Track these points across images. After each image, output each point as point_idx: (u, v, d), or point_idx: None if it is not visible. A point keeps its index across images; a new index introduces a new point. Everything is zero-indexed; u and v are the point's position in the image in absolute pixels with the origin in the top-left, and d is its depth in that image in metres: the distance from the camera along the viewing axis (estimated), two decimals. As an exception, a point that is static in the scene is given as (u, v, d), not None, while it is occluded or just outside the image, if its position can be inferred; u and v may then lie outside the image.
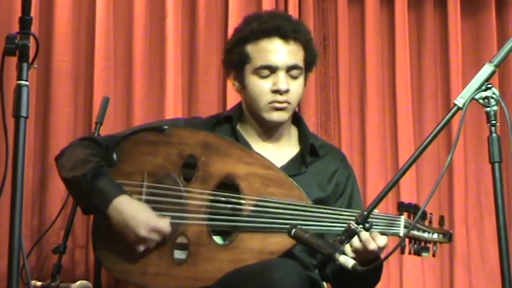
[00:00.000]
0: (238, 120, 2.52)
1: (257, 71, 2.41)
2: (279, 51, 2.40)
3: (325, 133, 3.68)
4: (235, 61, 2.46)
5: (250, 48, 2.42)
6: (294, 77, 2.43)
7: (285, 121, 2.45)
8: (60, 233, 3.05)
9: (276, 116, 2.42)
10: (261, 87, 2.41)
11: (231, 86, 3.45)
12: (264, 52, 2.40)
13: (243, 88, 2.47)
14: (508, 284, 1.85)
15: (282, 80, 2.39)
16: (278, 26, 2.41)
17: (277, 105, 2.40)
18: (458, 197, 3.81)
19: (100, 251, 2.38)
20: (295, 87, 2.42)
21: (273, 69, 2.40)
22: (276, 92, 2.39)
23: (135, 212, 2.26)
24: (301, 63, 2.44)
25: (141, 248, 2.28)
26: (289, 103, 2.41)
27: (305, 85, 2.50)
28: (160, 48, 3.45)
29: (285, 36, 2.40)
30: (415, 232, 2.25)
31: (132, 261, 2.32)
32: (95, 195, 2.28)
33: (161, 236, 2.28)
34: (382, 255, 2.20)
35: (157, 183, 2.35)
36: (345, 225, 2.07)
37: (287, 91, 2.39)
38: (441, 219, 2.30)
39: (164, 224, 2.27)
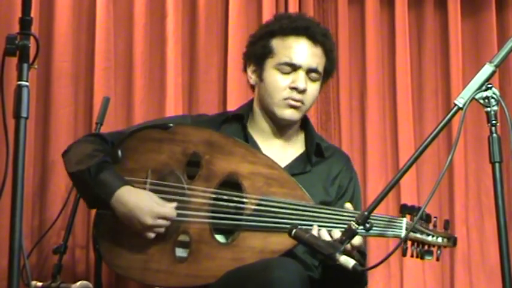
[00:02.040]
0: (248, 119, 2.53)
1: (279, 66, 2.43)
2: (304, 51, 2.42)
3: (325, 133, 3.68)
4: (258, 53, 2.48)
5: (275, 43, 2.45)
6: (313, 80, 2.45)
7: (296, 120, 2.47)
8: (61, 233, 3.04)
9: (288, 114, 2.43)
10: (280, 82, 2.42)
11: (231, 85, 3.49)
12: (289, 49, 2.43)
13: (260, 81, 2.48)
14: (509, 284, 1.85)
15: (301, 78, 2.41)
16: (309, 26, 2.44)
17: (292, 102, 2.42)
18: (459, 197, 3.81)
19: (102, 246, 2.38)
20: (312, 89, 2.45)
21: (295, 68, 2.42)
22: (294, 89, 2.41)
23: (138, 201, 2.27)
24: (321, 68, 2.46)
25: (151, 235, 2.28)
26: (303, 103, 2.43)
27: (320, 92, 2.52)
28: (160, 48, 3.45)
29: (313, 38, 2.43)
30: (418, 235, 2.25)
31: (133, 257, 2.32)
32: (98, 187, 2.29)
33: (168, 222, 2.28)
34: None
35: (160, 181, 2.36)
36: (346, 226, 2.08)
37: (304, 90, 2.41)
38: (446, 223, 2.30)
39: (169, 209, 2.28)
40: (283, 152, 2.49)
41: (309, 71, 2.43)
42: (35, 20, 1.94)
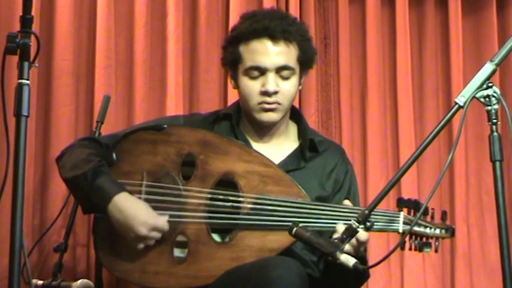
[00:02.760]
0: (237, 118, 2.52)
1: (247, 72, 2.41)
2: (267, 52, 2.39)
3: (326, 132, 3.68)
4: (229, 60, 2.47)
5: (242, 48, 2.43)
6: (285, 78, 2.42)
7: (275, 121, 2.45)
8: (62, 231, 3.04)
9: (266, 117, 2.42)
10: (251, 88, 2.41)
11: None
12: (253, 53, 2.40)
13: (237, 87, 2.48)
14: (509, 282, 1.85)
15: (270, 81, 2.39)
16: (267, 26, 2.40)
17: (266, 106, 2.41)
18: (460, 195, 3.81)
19: (101, 250, 2.39)
20: (286, 87, 2.42)
21: (262, 71, 2.40)
22: (265, 93, 2.39)
23: (135, 210, 2.27)
24: (292, 63, 2.42)
25: (141, 245, 2.29)
26: (279, 103, 2.41)
27: (300, 84, 2.50)
28: (161, 46, 3.45)
29: (274, 37, 2.39)
30: (416, 228, 2.25)
31: (132, 260, 2.32)
32: (95, 193, 2.29)
33: (160, 234, 2.29)
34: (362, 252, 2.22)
35: (156, 182, 2.36)
36: (344, 221, 2.08)
37: (276, 92, 2.39)
38: (443, 214, 2.30)
39: (163, 222, 2.28)
40: (276, 149, 2.48)
41: (278, 70, 2.40)
42: (35, 18, 1.93)
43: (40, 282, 2.84)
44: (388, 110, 3.87)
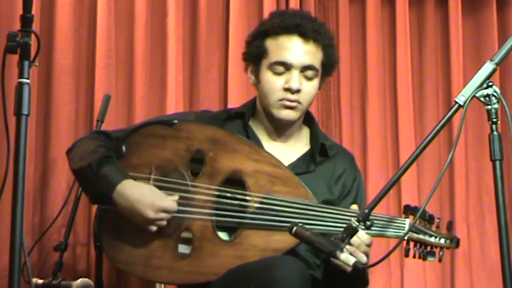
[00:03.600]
0: (251, 117, 2.52)
1: (272, 67, 2.41)
2: (296, 50, 2.39)
3: (326, 131, 3.68)
4: (254, 54, 2.46)
5: (269, 43, 2.42)
6: (309, 78, 2.42)
7: (294, 120, 2.45)
8: (62, 230, 3.05)
9: (285, 114, 2.42)
10: (274, 83, 2.40)
11: (232, 83, 3.50)
12: (281, 48, 2.40)
13: (257, 82, 2.47)
14: (509, 282, 1.85)
15: (294, 78, 2.38)
16: (299, 24, 2.40)
17: (287, 103, 2.40)
18: (459, 195, 3.82)
19: (104, 241, 2.38)
20: (308, 88, 2.42)
21: (287, 67, 2.39)
22: (288, 90, 2.39)
23: (139, 194, 2.26)
24: (317, 65, 2.43)
25: (153, 228, 2.28)
26: (299, 103, 2.41)
27: (319, 88, 2.50)
28: (161, 46, 3.45)
29: (304, 35, 2.40)
30: (421, 236, 2.26)
31: (136, 253, 2.32)
32: (100, 182, 2.29)
33: (170, 215, 2.27)
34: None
35: (164, 177, 2.35)
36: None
37: (298, 91, 2.39)
38: (449, 225, 2.30)
39: (171, 202, 2.27)
40: (287, 150, 2.48)
41: (303, 69, 2.40)
42: (36, 17, 1.93)
43: (40, 281, 2.84)
44: (388, 109, 3.88)
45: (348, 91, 3.79)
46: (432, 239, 2.27)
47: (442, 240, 2.28)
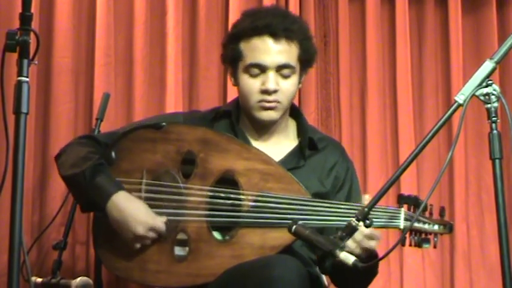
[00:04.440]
0: (237, 115, 2.52)
1: (247, 69, 2.40)
2: (268, 50, 2.38)
3: (325, 130, 3.68)
4: (230, 57, 2.46)
5: (243, 46, 2.41)
6: (285, 76, 2.40)
7: (275, 120, 2.44)
8: (61, 229, 3.04)
9: (265, 115, 2.41)
10: (251, 86, 2.40)
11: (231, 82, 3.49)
12: (254, 50, 2.39)
13: (237, 84, 2.47)
14: (509, 281, 1.85)
15: (270, 80, 2.37)
16: (269, 24, 2.38)
17: (266, 104, 2.39)
18: (459, 193, 3.82)
19: (100, 248, 2.38)
20: (286, 86, 2.40)
21: (262, 68, 2.38)
22: (265, 92, 2.38)
23: (133, 210, 2.27)
24: (293, 62, 2.41)
25: (137, 245, 2.29)
26: (278, 102, 2.40)
27: (299, 83, 2.49)
28: (160, 44, 3.45)
29: (275, 35, 2.38)
30: (416, 224, 2.26)
31: (132, 258, 2.32)
32: (93, 192, 2.28)
33: (157, 234, 2.29)
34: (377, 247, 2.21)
35: (156, 180, 2.35)
36: (345, 218, 2.08)
37: (275, 91, 2.38)
38: (442, 210, 2.30)
39: (161, 223, 2.28)
40: (275, 147, 2.47)
41: (278, 68, 2.38)
42: (35, 15, 1.93)
43: (39, 279, 2.84)
44: (388, 108, 3.87)
45: (347, 90, 3.79)
46: (426, 226, 2.27)
47: (436, 227, 2.28)
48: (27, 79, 1.85)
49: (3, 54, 1.86)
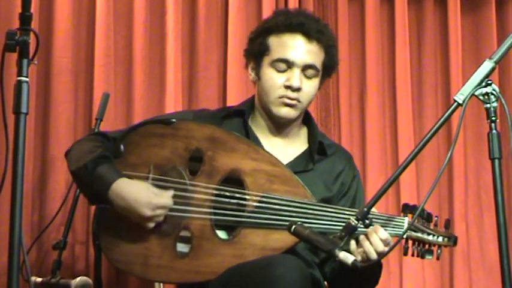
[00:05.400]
0: (250, 115, 2.52)
1: (274, 64, 2.41)
2: (298, 48, 2.40)
3: (325, 129, 3.68)
4: (256, 51, 2.47)
5: (272, 40, 2.43)
6: (309, 77, 2.42)
7: (293, 118, 2.45)
8: (60, 229, 3.05)
9: (284, 112, 2.42)
10: (275, 80, 2.41)
11: (231, 82, 3.50)
12: (284, 46, 2.41)
13: (258, 79, 2.47)
14: (508, 281, 1.85)
15: (296, 76, 2.39)
16: (303, 23, 2.41)
17: (287, 101, 2.40)
18: (458, 193, 3.82)
19: (102, 240, 2.37)
20: (308, 87, 2.42)
21: (289, 65, 2.40)
22: (288, 87, 2.39)
23: (135, 193, 2.26)
24: (318, 64, 2.44)
25: (151, 225, 2.28)
26: (299, 101, 2.41)
27: (319, 88, 2.50)
28: (160, 44, 3.45)
29: (307, 35, 2.41)
30: (419, 234, 2.27)
31: (134, 252, 2.32)
32: (95, 182, 2.29)
33: (166, 210, 2.27)
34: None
35: (163, 176, 2.35)
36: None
37: (299, 89, 2.39)
38: (447, 223, 2.31)
39: (166, 199, 2.27)
40: (285, 149, 2.48)
41: (305, 68, 2.40)
42: (35, 15, 1.94)
43: (39, 279, 2.85)
44: (387, 108, 3.88)
45: (347, 90, 3.80)
46: (430, 237, 2.28)
47: (440, 239, 2.29)
48: (27, 79, 1.85)
49: (3, 54, 1.86)
